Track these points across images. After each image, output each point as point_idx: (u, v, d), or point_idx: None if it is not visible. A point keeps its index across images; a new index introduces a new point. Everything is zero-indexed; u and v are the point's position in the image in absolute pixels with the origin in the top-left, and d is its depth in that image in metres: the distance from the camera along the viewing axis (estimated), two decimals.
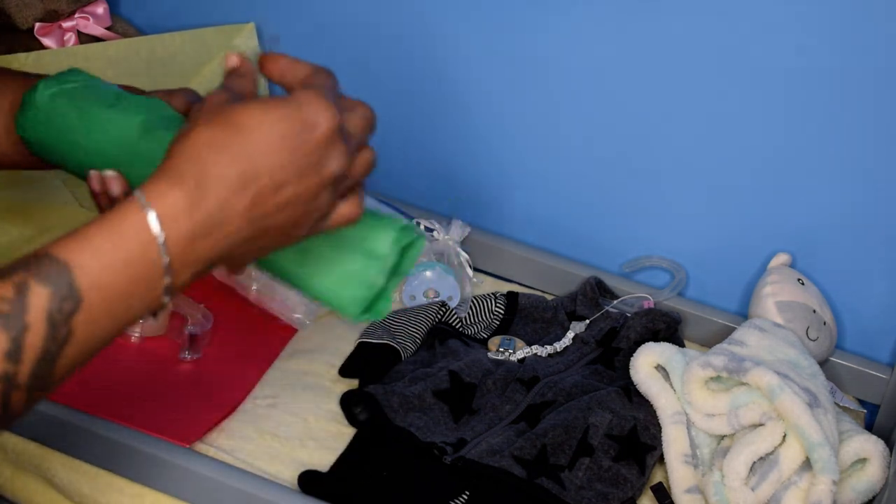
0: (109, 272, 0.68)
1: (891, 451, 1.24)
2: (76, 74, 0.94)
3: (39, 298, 0.65)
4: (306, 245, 0.80)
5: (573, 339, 1.41)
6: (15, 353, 0.65)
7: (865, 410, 1.43)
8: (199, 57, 1.51)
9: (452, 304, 1.46)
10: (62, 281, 0.66)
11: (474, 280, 1.53)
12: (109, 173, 0.82)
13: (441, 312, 1.41)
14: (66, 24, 1.53)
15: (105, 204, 0.84)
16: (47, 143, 0.91)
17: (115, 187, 0.82)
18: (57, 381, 0.69)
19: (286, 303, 1.38)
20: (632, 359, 1.30)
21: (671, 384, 1.28)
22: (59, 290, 0.66)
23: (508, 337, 1.42)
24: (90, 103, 0.91)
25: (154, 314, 0.73)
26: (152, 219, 0.68)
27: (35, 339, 0.65)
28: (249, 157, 0.72)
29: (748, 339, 1.32)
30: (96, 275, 0.67)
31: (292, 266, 0.82)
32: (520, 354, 1.38)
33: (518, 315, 1.46)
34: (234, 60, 0.81)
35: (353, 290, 0.82)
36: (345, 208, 0.79)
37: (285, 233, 0.76)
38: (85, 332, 0.67)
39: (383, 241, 0.82)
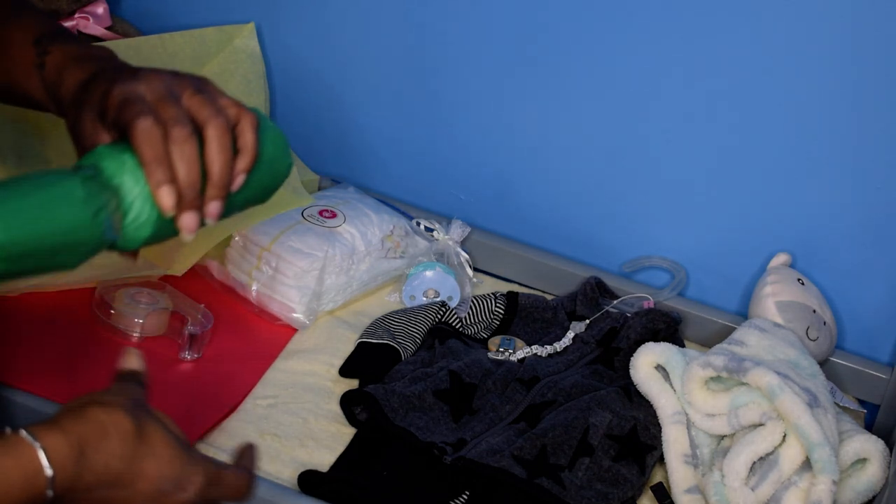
0: (10, 492, 0.70)
1: (891, 451, 1.24)
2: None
3: None
4: None
5: (573, 339, 1.41)
6: None
7: (865, 410, 1.43)
8: (199, 57, 1.51)
9: (452, 304, 1.46)
10: None
11: (474, 280, 1.53)
12: None
13: (441, 312, 1.41)
14: (66, 24, 1.53)
15: None
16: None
17: None
18: None
19: (286, 303, 1.38)
20: (632, 359, 1.30)
21: (671, 384, 1.28)
22: None
23: (508, 337, 1.42)
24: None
25: None
26: (44, 461, 0.72)
27: None
28: (132, 469, 0.76)
29: (748, 339, 1.32)
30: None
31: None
32: (520, 354, 1.38)
33: (518, 315, 1.46)
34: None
35: None
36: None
37: None
38: None
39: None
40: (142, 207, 0.82)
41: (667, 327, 1.41)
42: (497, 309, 1.46)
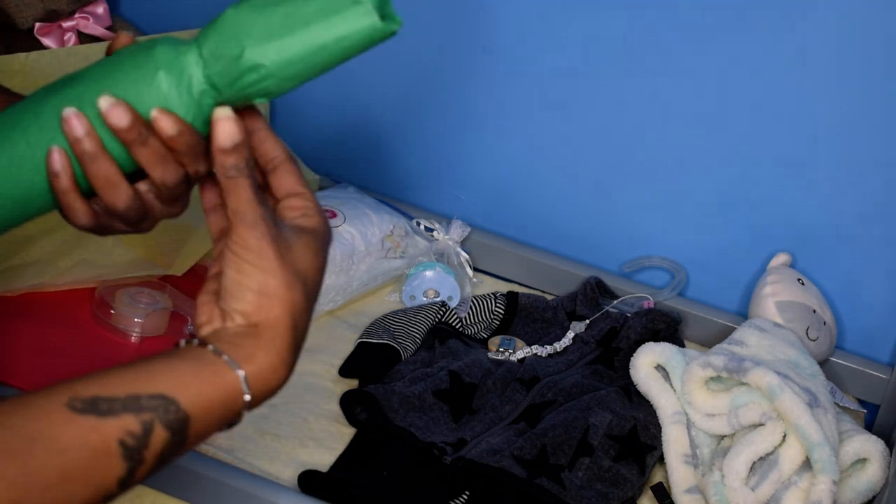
0: (212, 420, 0.73)
1: (891, 451, 1.24)
2: None
3: (159, 441, 0.70)
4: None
5: (573, 339, 1.41)
6: (127, 482, 0.70)
7: (865, 410, 1.43)
8: None
9: (452, 304, 1.46)
10: (181, 429, 0.71)
11: (474, 280, 1.53)
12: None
13: (441, 312, 1.41)
14: (66, 24, 1.53)
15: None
16: None
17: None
18: None
19: None
20: (632, 359, 1.30)
21: (671, 384, 1.28)
22: (176, 436, 0.71)
23: (508, 337, 1.42)
24: None
25: None
26: (243, 383, 0.74)
27: (144, 471, 0.70)
28: (313, 292, 0.79)
29: (748, 339, 1.32)
30: (203, 424, 0.73)
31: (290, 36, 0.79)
32: (520, 354, 1.38)
33: (518, 315, 1.46)
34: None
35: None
36: None
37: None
38: (171, 460, 0.73)
39: None
40: None
41: (667, 327, 1.41)
42: (497, 309, 1.46)
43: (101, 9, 1.56)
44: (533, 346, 1.40)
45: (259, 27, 0.78)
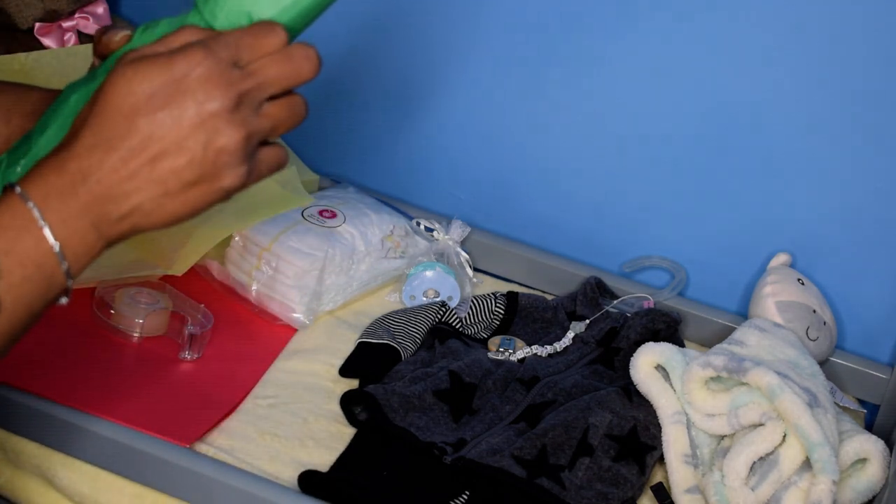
0: (15, 240, 0.71)
1: (891, 451, 1.24)
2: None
3: None
4: None
5: (573, 339, 1.41)
6: None
7: (865, 410, 1.43)
8: None
9: (452, 304, 1.46)
10: None
11: (474, 280, 1.53)
12: None
13: (441, 312, 1.41)
14: (66, 24, 1.53)
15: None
16: None
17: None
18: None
19: (286, 303, 1.38)
20: (632, 359, 1.30)
21: (671, 384, 1.28)
22: None
23: (508, 337, 1.42)
24: None
25: (66, 293, 0.75)
26: (37, 214, 0.72)
27: None
28: (126, 128, 0.73)
29: (748, 339, 1.32)
30: (4, 244, 0.71)
31: None
32: (520, 354, 1.38)
33: (518, 315, 1.46)
34: None
35: None
36: (268, 153, 0.78)
37: (200, 188, 0.75)
38: (11, 300, 0.71)
39: None
40: None
41: (667, 327, 1.41)
42: (497, 309, 1.46)
43: (101, 9, 1.56)
44: (533, 346, 1.40)
45: None
